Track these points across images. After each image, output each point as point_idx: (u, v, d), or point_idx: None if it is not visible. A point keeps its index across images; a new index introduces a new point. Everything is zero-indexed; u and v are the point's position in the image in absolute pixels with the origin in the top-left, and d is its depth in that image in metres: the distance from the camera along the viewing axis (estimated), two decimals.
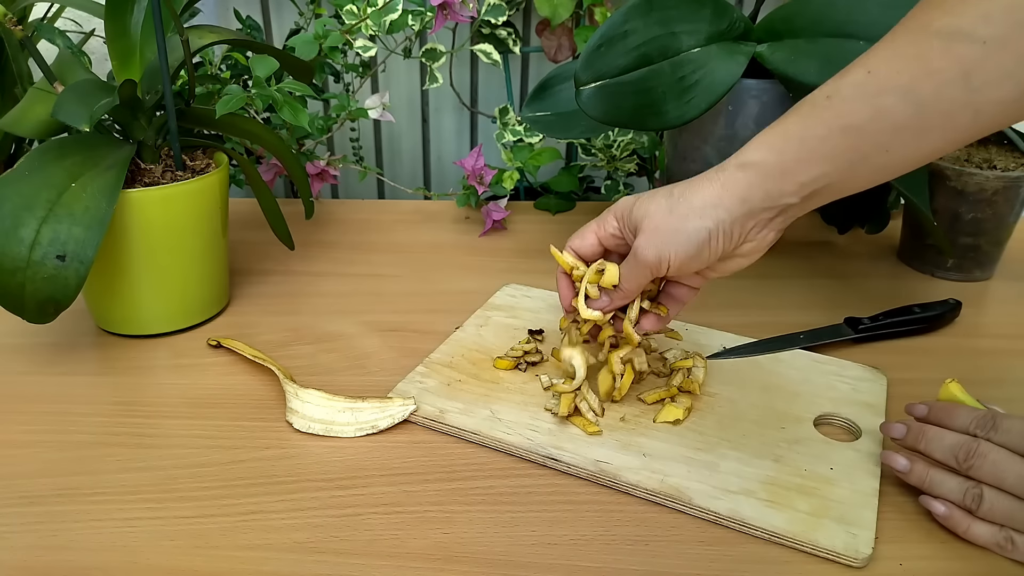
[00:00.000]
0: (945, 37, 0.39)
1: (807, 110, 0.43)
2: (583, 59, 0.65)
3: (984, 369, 0.62)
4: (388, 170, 1.23)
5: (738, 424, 0.53)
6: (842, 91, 0.42)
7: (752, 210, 0.45)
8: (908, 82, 0.40)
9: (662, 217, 0.47)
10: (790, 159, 0.43)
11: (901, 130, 0.41)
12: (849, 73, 0.42)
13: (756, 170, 0.44)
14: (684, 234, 0.46)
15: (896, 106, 0.40)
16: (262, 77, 0.66)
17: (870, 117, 0.41)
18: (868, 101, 0.41)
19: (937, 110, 0.40)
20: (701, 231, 0.46)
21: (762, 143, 0.44)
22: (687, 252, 0.47)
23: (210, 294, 0.66)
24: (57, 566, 0.43)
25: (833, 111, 0.42)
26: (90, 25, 0.96)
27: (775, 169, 0.43)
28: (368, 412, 0.54)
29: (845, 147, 0.42)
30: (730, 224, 0.45)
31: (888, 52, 0.41)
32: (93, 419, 0.54)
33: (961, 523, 0.44)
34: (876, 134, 0.41)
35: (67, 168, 0.56)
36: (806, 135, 0.43)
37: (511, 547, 0.44)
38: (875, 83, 0.41)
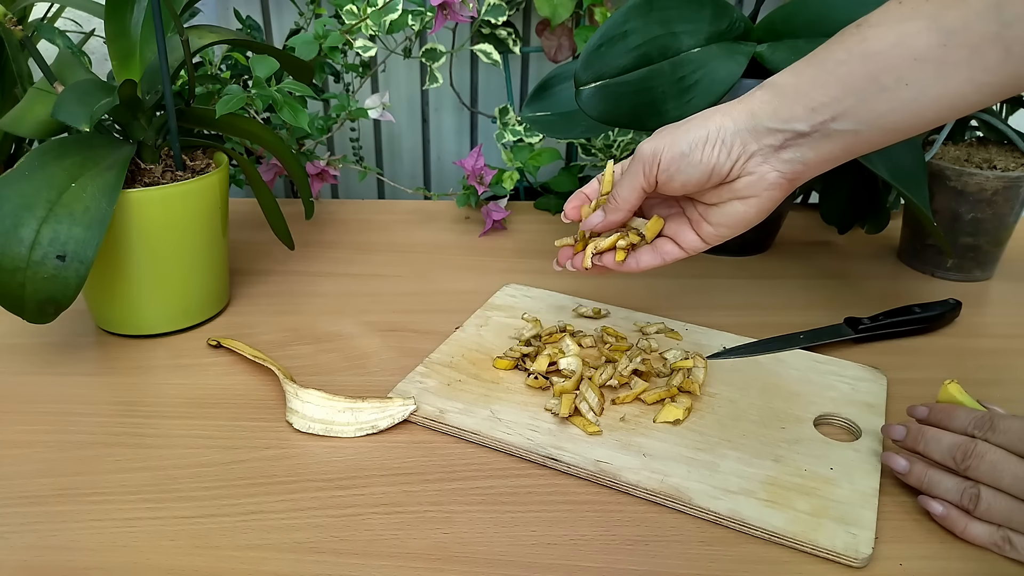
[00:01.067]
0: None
1: (837, 37, 0.43)
2: (583, 59, 0.65)
3: (984, 369, 0.62)
4: (388, 170, 1.23)
5: (738, 424, 0.53)
6: (871, 18, 0.41)
7: (757, 127, 0.44)
8: (935, 9, 0.38)
9: (674, 124, 0.47)
10: (806, 79, 0.42)
11: (924, 61, 0.39)
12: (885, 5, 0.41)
13: (772, 88, 0.43)
14: (682, 131, 0.45)
15: (921, 33, 0.39)
16: (262, 77, 0.66)
17: (892, 43, 0.39)
18: (893, 26, 0.40)
19: (964, 42, 0.38)
20: (699, 129, 0.45)
21: (789, 68, 0.44)
22: (680, 148, 0.45)
23: (210, 294, 0.66)
24: (57, 566, 0.43)
25: (858, 36, 0.41)
26: (90, 25, 0.96)
27: (790, 88, 0.42)
28: (368, 412, 0.54)
29: (863, 73, 0.40)
30: (732, 134, 0.44)
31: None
32: (93, 419, 0.54)
33: (958, 523, 0.45)
34: (897, 62, 0.39)
35: (67, 168, 0.56)
36: (828, 58, 0.42)
37: (511, 547, 0.44)
38: (903, 10, 0.40)
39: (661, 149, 0.46)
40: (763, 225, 0.78)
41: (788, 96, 0.42)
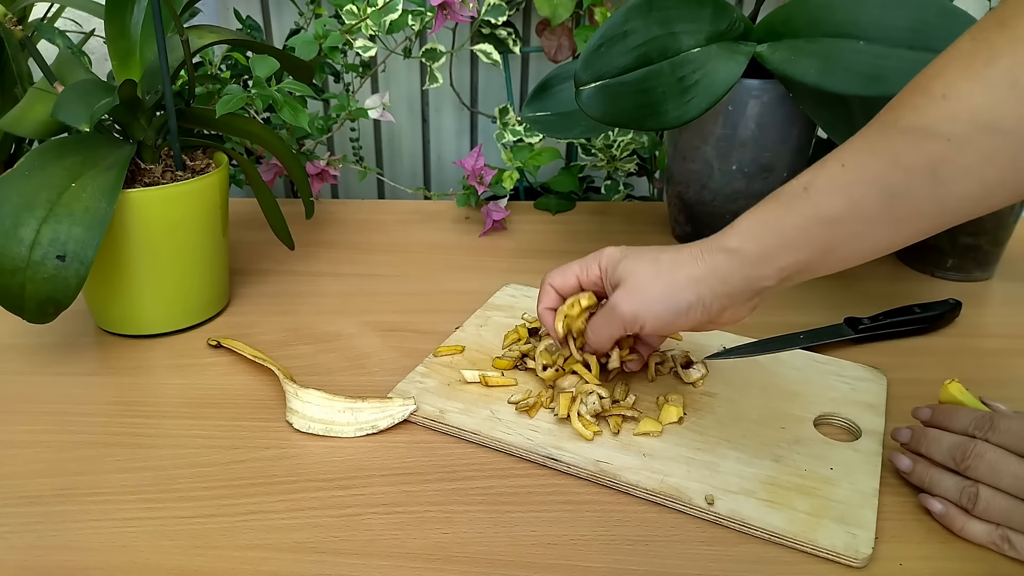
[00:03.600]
0: (913, 133, 0.41)
1: (786, 200, 0.45)
2: (583, 59, 0.65)
3: (984, 369, 0.62)
4: (388, 170, 1.23)
5: (738, 424, 0.53)
6: (817, 183, 0.44)
7: (732, 291, 0.47)
8: (879, 175, 0.42)
9: (647, 280, 0.49)
10: (770, 246, 0.45)
11: (874, 220, 0.43)
12: (825, 166, 0.44)
13: (738, 256, 0.46)
14: (665, 302, 0.49)
15: (868, 197, 0.42)
16: (262, 77, 0.66)
17: (845, 208, 0.43)
18: (842, 193, 0.43)
19: (906, 202, 0.42)
20: (681, 302, 0.48)
21: (743, 231, 0.47)
22: (664, 318, 0.49)
23: (210, 294, 0.66)
24: (57, 566, 0.43)
25: (810, 202, 0.44)
26: (90, 25, 0.96)
27: (755, 256, 0.46)
28: (368, 412, 0.54)
29: (821, 236, 0.44)
30: (711, 300, 0.48)
31: (860, 145, 0.43)
32: (93, 419, 0.54)
33: (956, 521, 0.45)
34: (850, 224, 0.43)
35: (67, 168, 0.56)
36: (784, 225, 0.45)
37: (511, 547, 0.44)
38: (848, 176, 0.43)
39: (644, 317, 0.49)
40: None
41: (756, 264, 0.46)
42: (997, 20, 0.39)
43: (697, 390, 0.57)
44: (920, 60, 0.62)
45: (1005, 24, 0.38)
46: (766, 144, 0.73)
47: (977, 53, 0.39)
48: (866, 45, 0.64)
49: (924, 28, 0.63)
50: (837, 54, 0.64)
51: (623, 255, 0.52)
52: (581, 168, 0.97)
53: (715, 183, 0.76)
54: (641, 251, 0.51)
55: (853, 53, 0.64)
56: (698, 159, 0.76)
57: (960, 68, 0.39)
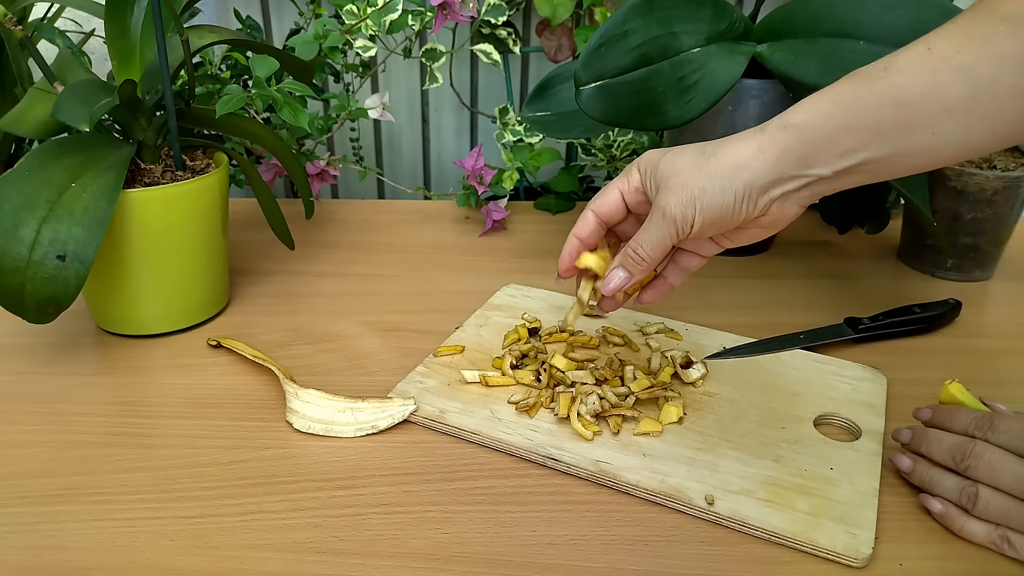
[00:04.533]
0: (1013, 21, 0.38)
1: (861, 79, 0.42)
2: (583, 59, 0.65)
3: (984, 369, 0.62)
4: (388, 170, 1.23)
5: (738, 424, 0.53)
6: (899, 63, 0.41)
7: (782, 176, 0.44)
8: (969, 61, 0.39)
9: (691, 175, 0.45)
10: (836, 125, 0.42)
11: (953, 112, 0.40)
12: (909, 49, 0.41)
13: (798, 131, 0.42)
14: (711, 194, 0.44)
15: (953, 84, 0.39)
16: (262, 77, 0.66)
17: (924, 92, 0.40)
18: (925, 76, 0.40)
19: (993, 94, 0.39)
20: (727, 193, 0.44)
21: (810, 106, 0.43)
22: (712, 214, 0.45)
23: (210, 294, 0.66)
24: (57, 566, 0.43)
25: (888, 82, 0.41)
26: (90, 25, 0.96)
27: (819, 132, 0.42)
28: (368, 412, 0.54)
29: (893, 120, 0.41)
30: (758, 189, 0.44)
31: (952, 30, 0.40)
32: (93, 419, 0.54)
33: (956, 521, 0.45)
34: (928, 111, 0.40)
35: (67, 168, 0.56)
36: (857, 103, 0.41)
37: (511, 547, 0.44)
38: (934, 59, 0.40)
39: (691, 215, 0.45)
40: None
41: (816, 142, 0.42)
42: None
43: (697, 390, 0.57)
44: None
45: None
46: None
47: None
48: (866, 45, 0.64)
49: (924, 28, 0.61)
50: (837, 54, 0.64)
51: (663, 152, 0.47)
52: (581, 168, 0.97)
53: None
54: (683, 146, 0.47)
55: (853, 53, 0.64)
56: None
57: None
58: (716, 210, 0.45)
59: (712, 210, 0.45)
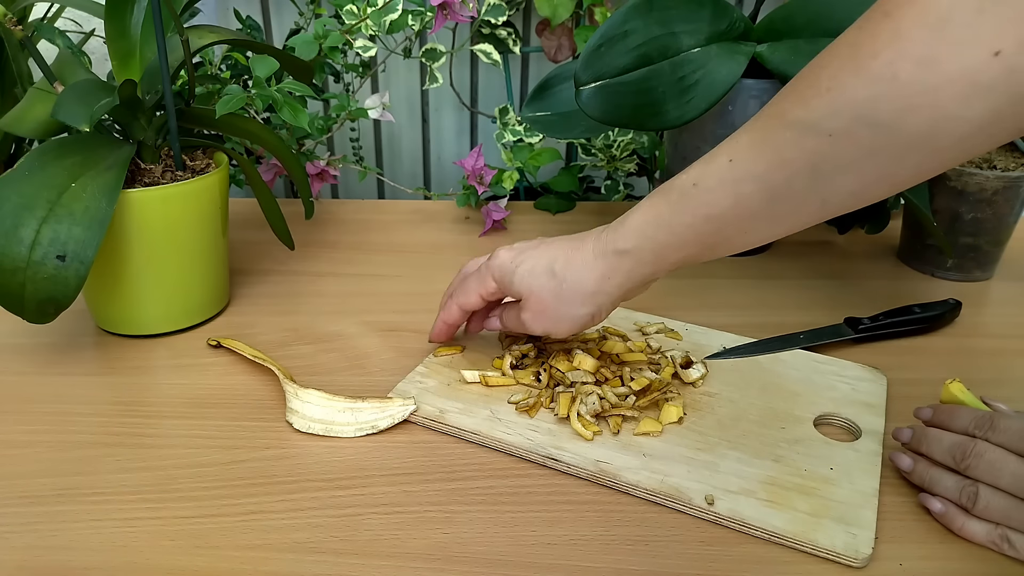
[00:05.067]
0: (797, 128, 0.41)
1: (676, 197, 0.47)
2: (583, 59, 0.65)
3: (984, 369, 0.62)
4: (388, 170, 1.23)
5: (738, 424, 0.53)
6: (706, 180, 0.45)
7: (629, 290, 0.51)
8: (763, 171, 0.42)
9: (549, 300, 0.52)
10: (661, 245, 0.48)
11: (757, 216, 0.44)
12: (714, 160, 0.45)
13: (632, 257, 0.49)
14: (569, 319, 0.52)
15: (753, 194, 0.43)
16: (262, 77, 0.66)
17: (731, 204, 0.44)
18: (729, 188, 0.44)
19: (788, 198, 0.43)
20: (585, 316, 0.52)
21: (635, 230, 0.49)
22: (570, 330, 0.53)
23: (210, 294, 0.66)
24: (57, 566, 0.43)
25: (699, 200, 0.45)
26: (90, 25, 0.96)
27: (649, 255, 0.48)
28: (368, 412, 0.54)
29: (709, 231, 0.46)
30: (609, 304, 0.52)
31: (747, 140, 0.44)
32: (93, 419, 0.54)
33: (956, 520, 0.45)
34: (736, 220, 0.45)
35: (67, 168, 0.56)
36: (674, 222, 0.47)
37: (511, 547, 0.44)
38: (735, 172, 0.44)
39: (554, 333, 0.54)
40: None
41: (649, 262, 0.49)
42: (882, 10, 0.38)
43: (697, 390, 0.57)
44: None
45: (889, 14, 0.37)
46: None
47: (862, 44, 0.38)
48: None
49: None
50: None
51: (515, 265, 0.54)
52: (581, 168, 0.97)
53: None
54: (534, 256, 0.53)
55: None
56: (698, 159, 0.75)
57: (845, 60, 0.39)
58: (575, 328, 0.53)
59: (570, 329, 0.53)
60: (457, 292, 0.58)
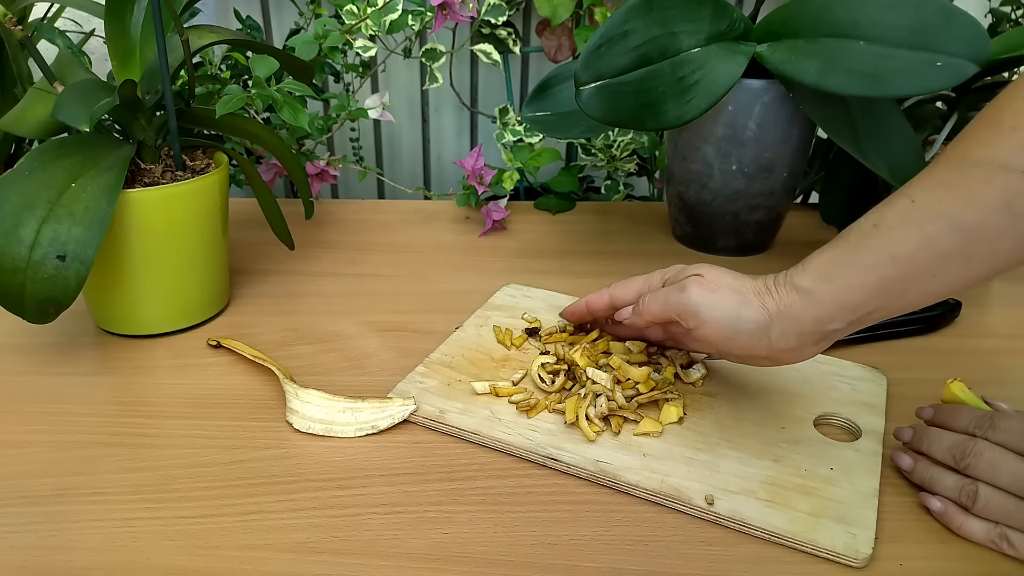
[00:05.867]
0: (985, 166, 0.40)
1: (855, 239, 0.45)
2: (583, 59, 0.65)
3: (984, 369, 0.62)
4: (388, 170, 1.23)
5: (738, 424, 0.53)
6: (888, 219, 0.43)
7: (801, 331, 0.46)
8: (952, 210, 0.41)
9: (725, 286, 0.48)
10: (841, 286, 0.45)
11: (948, 257, 0.42)
12: (893, 203, 0.44)
13: (806, 296, 0.46)
14: (734, 313, 0.47)
15: (943, 233, 0.42)
16: (262, 77, 0.66)
17: (918, 245, 0.42)
18: (915, 229, 0.42)
19: (981, 237, 0.41)
20: (749, 322, 0.47)
21: (813, 269, 0.46)
22: (724, 327, 0.48)
23: (210, 294, 0.66)
24: (57, 566, 0.43)
25: (881, 239, 0.43)
26: (90, 25, 0.96)
27: (825, 295, 0.45)
28: (368, 412, 0.54)
29: (895, 274, 0.43)
30: (777, 335, 0.47)
31: (930, 181, 0.43)
32: (93, 419, 0.54)
33: (955, 519, 0.45)
34: (925, 261, 0.42)
35: (67, 168, 0.56)
36: (855, 262, 0.44)
37: (511, 547, 0.44)
38: (920, 211, 0.42)
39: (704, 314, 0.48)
40: (763, 225, 0.79)
41: (826, 304, 0.45)
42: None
43: (697, 390, 0.57)
44: (920, 60, 0.62)
45: None
46: (766, 144, 0.73)
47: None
48: (866, 45, 0.64)
49: (924, 28, 0.62)
50: (837, 54, 0.64)
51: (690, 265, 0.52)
52: (581, 168, 0.97)
53: (715, 183, 0.76)
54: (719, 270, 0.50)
55: (853, 53, 0.64)
56: (698, 159, 0.76)
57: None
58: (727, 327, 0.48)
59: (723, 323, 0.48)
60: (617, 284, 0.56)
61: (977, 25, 0.62)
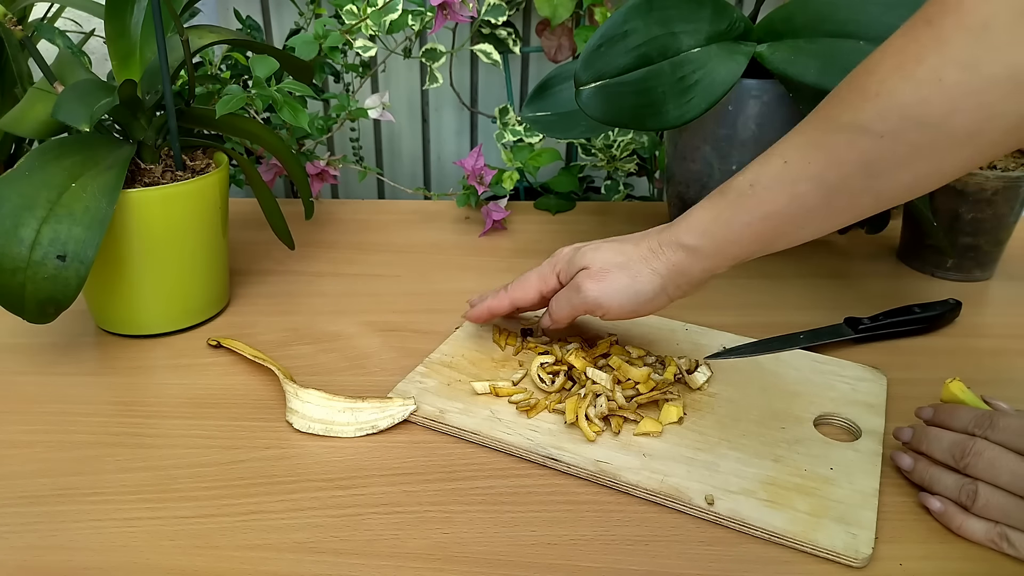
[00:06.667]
0: (850, 131, 0.43)
1: (734, 197, 0.49)
2: (583, 59, 0.65)
3: (984, 369, 0.62)
4: (388, 170, 1.23)
5: (738, 424, 0.53)
6: (763, 180, 0.48)
7: (691, 280, 0.52)
8: (818, 171, 0.45)
9: (613, 269, 0.53)
10: (722, 242, 0.50)
11: (813, 212, 0.47)
12: (768, 162, 0.48)
13: (693, 253, 0.51)
14: (629, 291, 0.52)
15: (809, 192, 0.46)
16: (262, 77, 0.66)
17: (787, 203, 0.47)
18: (785, 189, 0.47)
19: (843, 195, 0.45)
20: (646, 291, 0.52)
21: (697, 228, 0.51)
22: (627, 307, 0.53)
23: (210, 294, 0.66)
24: (57, 566, 0.43)
25: (756, 199, 0.48)
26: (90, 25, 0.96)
27: (710, 250, 0.50)
28: (368, 412, 0.54)
29: (767, 228, 0.48)
30: (672, 289, 0.53)
31: (801, 141, 0.47)
32: (93, 419, 0.54)
33: (955, 519, 0.45)
34: (793, 217, 0.47)
35: (67, 168, 0.56)
36: (734, 220, 0.49)
37: (511, 547, 0.44)
38: (792, 172, 0.46)
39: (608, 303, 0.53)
40: None
41: (710, 257, 0.51)
42: (924, 18, 0.41)
43: (697, 390, 0.57)
44: None
45: (931, 22, 0.40)
46: (766, 144, 0.72)
47: (907, 51, 0.41)
48: (866, 45, 0.64)
49: None
50: (837, 54, 0.64)
51: (576, 248, 0.55)
52: (581, 168, 0.97)
53: (715, 183, 0.75)
54: (599, 242, 0.54)
55: (853, 53, 0.64)
56: (698, 159, 0.76)
57: (892, 66, 0.42)
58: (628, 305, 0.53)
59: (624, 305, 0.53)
60: (514, 285, 0.59)
61: None
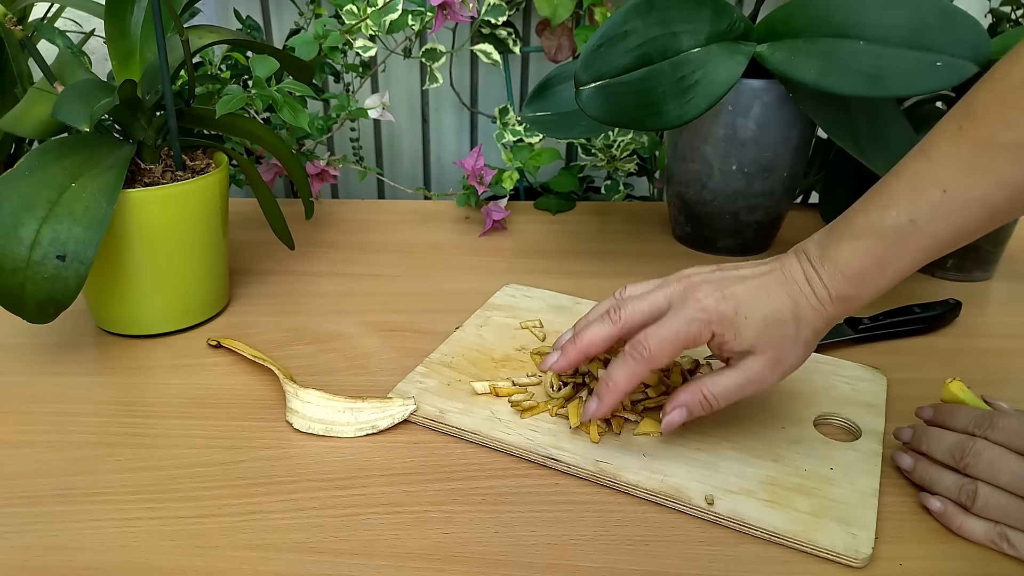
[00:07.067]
0: (1014, 149, 0.42)
1: (893, 236, 0.45)
2: (583, 59, 0.65)
3: (984, 369, 0.62)
4: (388, 170, 1.23)
5: (738, 424, 0.53)
6: (922, 213, 0.45)
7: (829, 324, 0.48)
8: (982, 194, 0.43)
9: (789, 346, 0.47)
10: (882, 287, 0.47)
11: (974, 234, 0.45)
12: (923, 193, 0.45)
13: (848, 303, 0.47)
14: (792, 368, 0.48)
15: (974, 217, 0.44)
16: (262, 77, 0.66)
17: (953, 233, 0.45)
18: (949, 219, 0.44)
19: (1008, 211, 0.44)
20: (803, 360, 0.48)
21: (851, 277, 0.46)
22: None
23: (210, 294, 0.66)
24: (57, 566, 0.43)
25: (920, 235, 0.45)
26: (90, 25, 0.96)
27: (865, 298, 0.47)
28: (368, 412, 0.54)
29: (925, 260, 0.46)
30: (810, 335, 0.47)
31: (957, 167, 0.44)
32: (93, 419, 0.54)
33: (955, 519, 0.45)
34: (953, 243, 0.45)
35: (67, 168, 0.56)
36: (898, 265, 0.46)
37: (511, 547, 0.44)
38: (954, 201, 0.44)
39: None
40: (763, 225, 0.79)
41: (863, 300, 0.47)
42: None
43: None
44: (920, 60, 0.62)
45: None
46: (766, 144, 0.73)
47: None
48: (866, 45, 0.64)
49: (924, 28, 0.63)
50: (837, 54, 0.64)
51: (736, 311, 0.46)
52: (581, 168, 0.97)
53: (715, 183, 0.76)
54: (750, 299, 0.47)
55: (853, 53, 0.64)
56: (698, 159, 0.76)
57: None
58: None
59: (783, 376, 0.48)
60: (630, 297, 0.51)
61: (977, 25, 0.62)
